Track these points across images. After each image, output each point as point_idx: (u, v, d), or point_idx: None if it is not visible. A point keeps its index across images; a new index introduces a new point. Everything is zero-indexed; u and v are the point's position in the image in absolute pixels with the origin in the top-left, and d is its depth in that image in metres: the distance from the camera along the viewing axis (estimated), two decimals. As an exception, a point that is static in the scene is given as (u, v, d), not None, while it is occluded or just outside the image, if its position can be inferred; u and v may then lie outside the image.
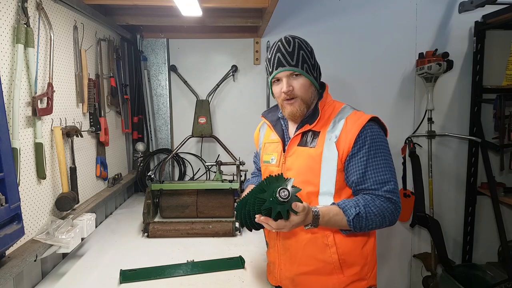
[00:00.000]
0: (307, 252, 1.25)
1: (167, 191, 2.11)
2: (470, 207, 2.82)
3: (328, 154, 1.20)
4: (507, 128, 2.49)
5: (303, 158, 1.25)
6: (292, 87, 1.24)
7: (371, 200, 1.16)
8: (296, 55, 1.23)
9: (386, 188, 1.16)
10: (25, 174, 1.34)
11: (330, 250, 1.23)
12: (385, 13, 2.67)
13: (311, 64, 1.26)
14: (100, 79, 2.04)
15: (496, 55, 2.66)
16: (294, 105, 1.25)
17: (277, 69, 1.24)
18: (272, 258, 1.39)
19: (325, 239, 1.23)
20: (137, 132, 2.65)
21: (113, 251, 1.72)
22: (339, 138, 1.20)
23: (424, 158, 2.72)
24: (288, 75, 1.24)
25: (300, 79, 1.24)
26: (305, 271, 1.26)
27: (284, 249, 1.31)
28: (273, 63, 1.25)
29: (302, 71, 1.23)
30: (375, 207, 1.15)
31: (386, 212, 1.15)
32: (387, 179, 1.17)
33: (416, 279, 2.92)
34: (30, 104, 1.38)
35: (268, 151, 1.41)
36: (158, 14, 2.35)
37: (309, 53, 1.26)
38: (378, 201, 1.15)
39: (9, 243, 1.16)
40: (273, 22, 2.53)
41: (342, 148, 1.19)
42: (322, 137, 1.24)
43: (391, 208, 1.16)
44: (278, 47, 1.25)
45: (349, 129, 1.20)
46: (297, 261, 1.27)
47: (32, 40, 1.34)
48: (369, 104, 2.71)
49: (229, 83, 2.72)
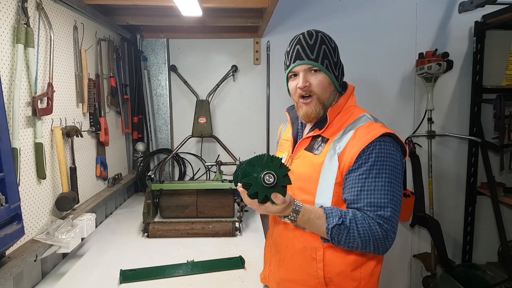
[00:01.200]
0: (294, 260, 1.19)
1: (167, 191, 2.11)
2: (470, 207, 2.82)
3: (329, 165, 1.10)
4: (507, 128, 2.49)
5: (305, 164, 1.17)
6: (309, 83, 1.14)
7: (360, 218, 1.03)
8: (317, 49, 1.13)
9: (380, 213, 1.03)
10: (25, 174, 1.34)
11: (317, 266, 1.13)
12: (385, 13, 2.67)
13: (333, 62, 1.16)
14: (100, 79, 2.04)
15: (496, 55, 2.66)
16: (310, 105, 1.16)
17: (294, 62, 1.15)
18: (266, 256, 1.37)
19: (313, 252, 1.13)
20: (137, 132, 2.65)
21: (113, 251, 1.72)
22: (344, 150, 1.09)
23: (424, 158, 2.72)
24: (306, 69, 1.14)
25: (319, 75, 1.14)
26: (290, 278, 1.20)
27: (275, 250, 1.28)
28: (291, 56, 1.16)
29: (322, 66, 1.13)
30: (362, 226, 1.02)
31: (372, 237, 1.02)
32: (383, 204, 1.04)
33: (416, 279, 2.92)
34: (30, 104, 1.38)
35: (282, 148, 1.36)
36: (158, 14, 2.35)
37: (332, 49, 1.16)
38: (367, 221, 1.03)
39: (9, 243, 1.16)
40: (273, 22, 2.53)
41: (344, 161, 1.08)
42: (329, 145, 1.13)
43: (380, 234, 1.02)
44: (298, 39, 1.16)
45: (356, 142, 1.08)
46: (285, 266, 1.22)
47: (32, 40, 1.34)
48: (369, 104, 2.66)
49: (229, 83, 2.72)
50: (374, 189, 1.05)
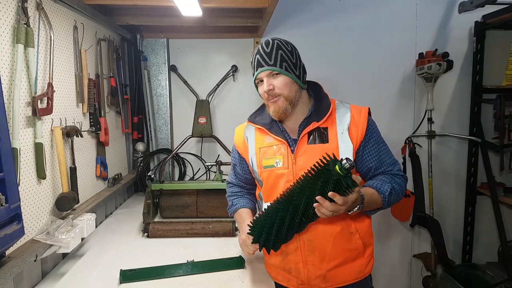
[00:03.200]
0: (336, 245, 1.30)
1: (167, 191, 2.11)
2: (470, 207, 2.82)
3: (344, 146, 1.27)
4: (507, 128, 2.49)
5: (317, 154, 1.20)
6: (273, 85, 1.26)
7: (391, 178, 1.29)
8: (274, 55, 1.26)
9: (397, 167, 1.34)
10: (25, 174, 1.34)
11: (355, 237, 1.32)
12: (385, 13, 2.67)
13: (292, 63, 1.27)
14: (100, 79, 2.04)
15: (496, 55, 2.66)
16: (277, 103, 1.28)
17: (257, 70, 1.28)
18: (293, 264, 1.35)
19: (349, 228, 1.31)
20: (137, 132, 2.65)
21: (113, 251, 1.72)
22: (350, 130, 1.28)
23: (424, 158, 2.72)
24: (268, 74, 1.27)
25: (280, 77, 1.26)
26: (336, 264, 1.31)
27: (310, 250, 1.31)
28: (254, 65, 1.30)
29: (281, 69, 1.25)
30: (397, 183, 1.29)
31: (402, 187, 1.31)
32: (394, 160, 1.34)
33: (416, 279, 2.92)
34: (30, 104, 1.38)
35: (268, 155, 1.35)
36: (158, 14, 2.35)
37: (288, 52, 1.28)
38: (396, 179, 1.30)
39: (9, 243, 1.15)
40: (273, 22, 2.52)
41: (355, 138, 1.28)
42: (332, 132, 1.29)
43: (404, 183, 1.33)
44: (258, 50, 1.29)
45: (357, 121, 1.29)
46: (327, 257, 1.30)
47: (32, 40, 1.34)
48: (369, 104, 2.66)
49: (229, 83, 2.72)
50: (386, 153, 1.33)
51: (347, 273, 1.33)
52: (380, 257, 2.70)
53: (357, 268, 1.34)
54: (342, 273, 1.32)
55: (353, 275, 1.34)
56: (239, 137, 1.48)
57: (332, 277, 1.32)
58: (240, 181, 1.55)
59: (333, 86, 2.75)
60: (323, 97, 1.36)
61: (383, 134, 1.37)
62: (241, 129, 1.49)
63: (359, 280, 1.35)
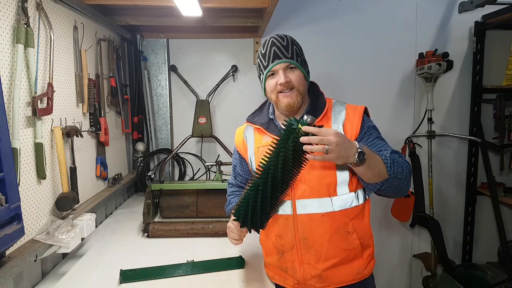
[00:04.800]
0: (332, 244, 1.28)
1: (167, 191, 2.11)
2: (470, 207, 2.82)
3: None
4: (507, 128, 2.49)
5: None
6: (289, 78, 1.26)
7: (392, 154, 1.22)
8: (291, 48, 1.27)
9: (399, 154, 1.26)
10: (25, 174, 1.35)
11: (352, 237, 1.28)
12: (385, 13, 2.67)
13: (303, 59, 1.31)
14: (100, 79, 2.04)
15: (496, 55, 2.66)
16: (292, 96, 1.27)
17: (273, 62, 1.26)
18: (289, 263, 1.35)
19: (346, 227, 1.28)
20: (137, 132, 2.65)
21: (113, 251, 1.72)
22: (345, 127, 1.28)
23: (424, 158, 2.72)
24: (285, 67, 1.26)
25: (296, 71, 1.27)
26: (332, 264, 1.29)
27: (306, 248, 1.30)
28: (269, 57, 1.27)
29: (298, 64, 1.27)
30: (399, 158, 1.23)
31: (406, 164, 1.22)
32: (395, 151, 1.27)
33: (416, 279, 2.92)
34: (30, 104, 1.38)
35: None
36: (158, 14, 2.35)
37: (300, 49, 1.31)
38: (397, 156, 1.23)
39: (9, 243, 1.16)
40: (273, 22, 2.53)
41: (349, 136, 1.26)
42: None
43: (407, 164, 1.23)
44: (272, 42, 1.28)
45: (352, 118, 1.29)
46: (323, 256, 1.29)
47: (32, 40, 1.34)
48: (369, 104, 2.66)
49: (229, 83, 2.72)
50: (384, 146, 1.27)
51: (344, 273, 1.30)
52: (380, 257, 2.69)
53: (355, 269, 1.31)
54: (339, 274, 1.30)
55: (351, 276, 1.31)
56: (239, 137, 1.51)
57: (328, 277, 1.30)
58: (239, 182, 1.57)
59: (333, 86, 2.75)
60: (319, 95, 1.38)
61: (383, 134, 1.36)
62: (241, 130, 1.52)
63: (358, 281, 1.32)
